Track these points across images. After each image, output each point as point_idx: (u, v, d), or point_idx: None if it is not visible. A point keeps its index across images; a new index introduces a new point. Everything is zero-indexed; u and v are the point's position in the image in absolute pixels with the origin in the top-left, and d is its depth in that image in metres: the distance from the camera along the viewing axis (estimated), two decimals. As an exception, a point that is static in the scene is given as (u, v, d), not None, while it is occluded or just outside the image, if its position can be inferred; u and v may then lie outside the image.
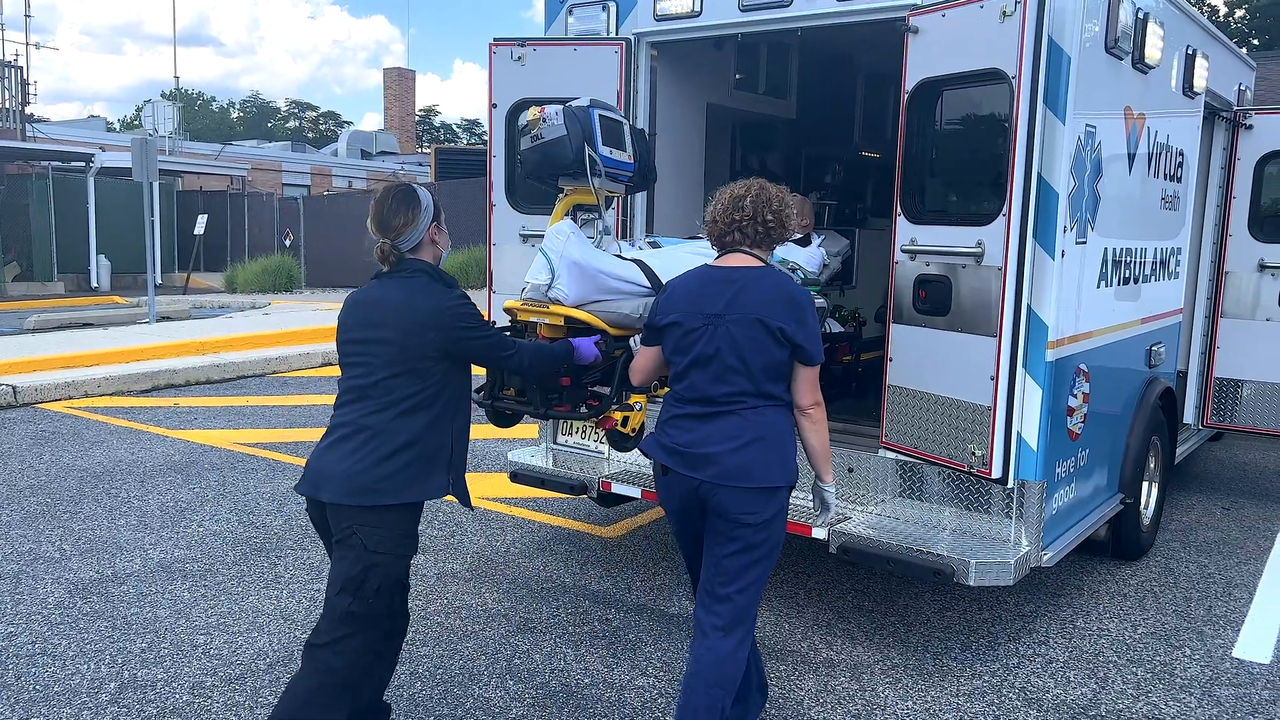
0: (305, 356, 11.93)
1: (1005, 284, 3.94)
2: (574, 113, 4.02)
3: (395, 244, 3.11)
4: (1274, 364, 6.70)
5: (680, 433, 3.25)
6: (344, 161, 42.06)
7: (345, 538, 3.02)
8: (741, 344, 3.16)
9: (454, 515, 6.33)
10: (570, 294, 3.85)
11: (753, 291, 3.20)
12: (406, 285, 3.10)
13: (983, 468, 4.08)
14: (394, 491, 3.03)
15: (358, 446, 3.03)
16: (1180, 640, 4.67)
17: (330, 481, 3.03)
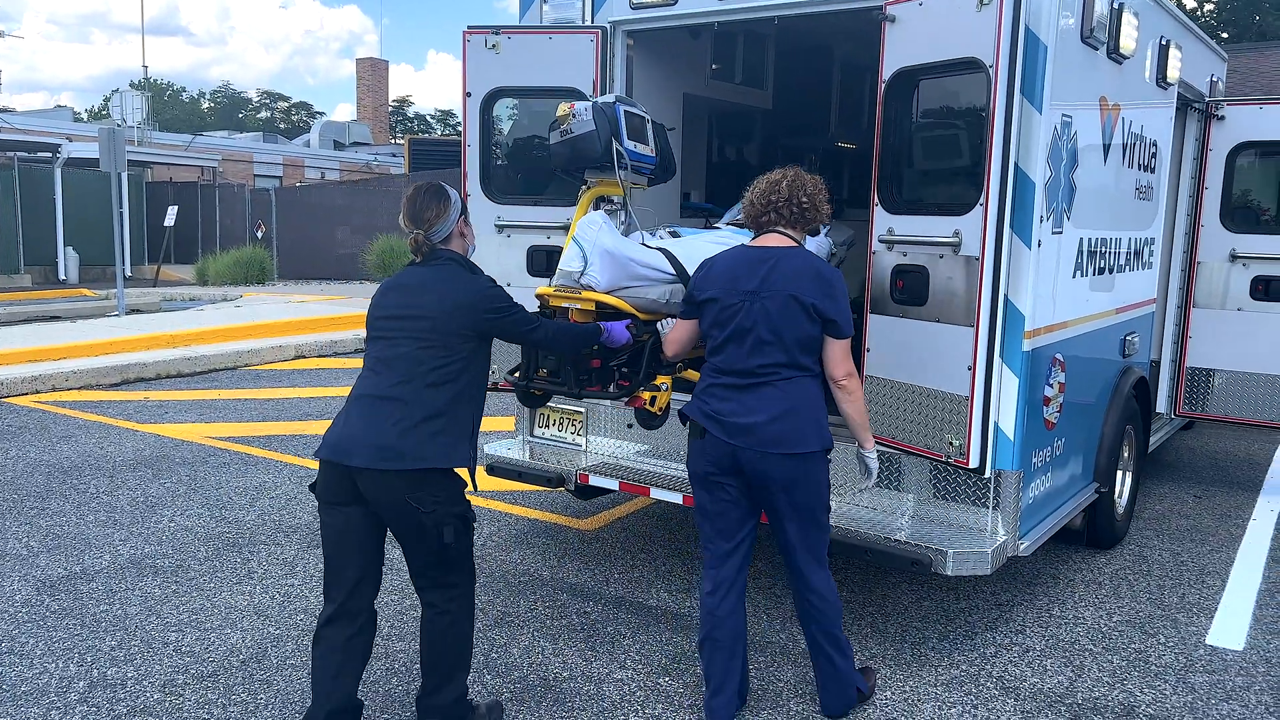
0: (278, 349, 11.80)
1: (983, 274, 3.93)
2: (602, 109, 4.26)
3: (428, 235, 3.37)
4: (1245, 354, 6.76)
5: (718, 401, 3.52)
6: (316, 152, 41.67)
7: (395, 508, 3.20)
8: (775, 319, 3.42)
9: (430, 509, 6.27)
10: (602, 280, 4.08)
11: (785, 269, 3.46)
12: (439, 272, 3.36)
13: (960, 458, 4.08)
14: (424, 457, 3.19)
15: (387, 415, 3.20)
16: (1155, 628, 4.71)
17: (361, 448, 3.18)
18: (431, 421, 3.22)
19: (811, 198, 3.58)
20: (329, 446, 3.27)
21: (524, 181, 5.44)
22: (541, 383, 4.25)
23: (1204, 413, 6.98)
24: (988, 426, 4.01)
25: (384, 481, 3.18)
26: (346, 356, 12.34)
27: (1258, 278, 6.69)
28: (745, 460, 3.45)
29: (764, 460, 3.43)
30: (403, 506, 3.20)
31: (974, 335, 3.98)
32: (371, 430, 3.19)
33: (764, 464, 3.43)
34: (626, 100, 4.42)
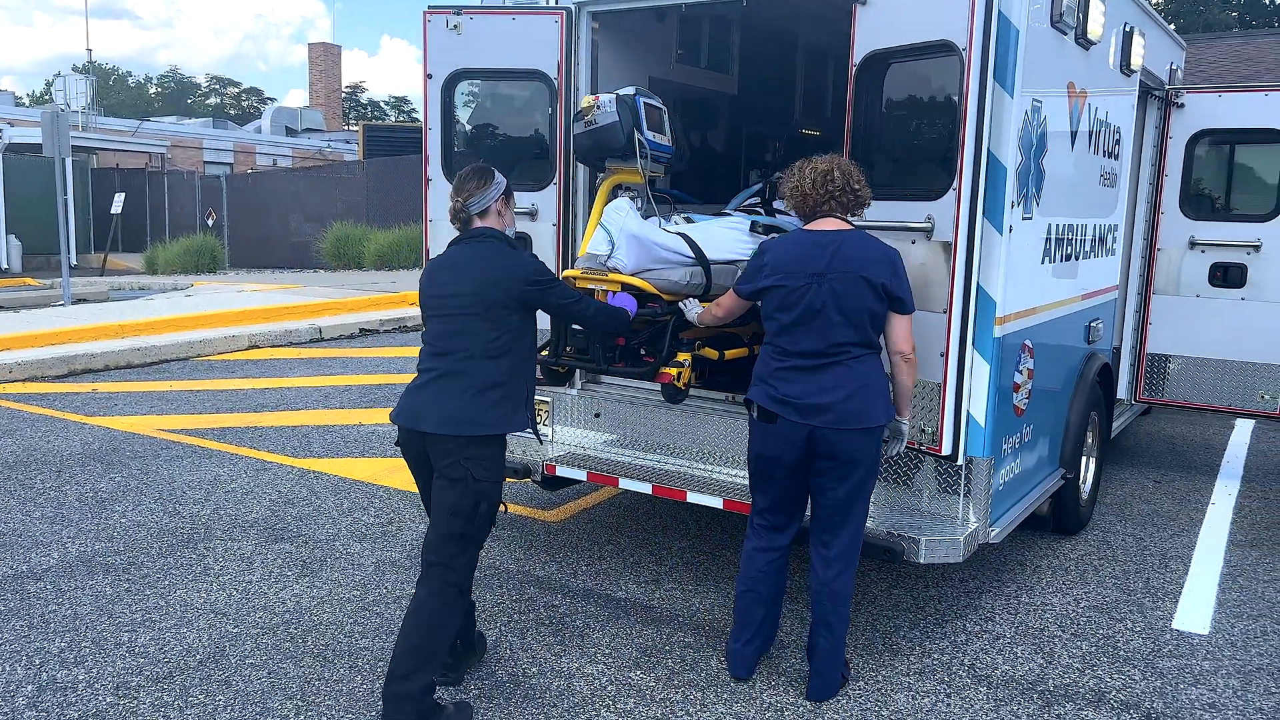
0: (230, 339, 11.54)
1: (955, 259, 3.90)
2: (624, 100, 4.49)
3: (465, 204, 3.61)
4: (1203, 339, 6.83)
5: (788, 384, 3.68)
6: (268, 139, 40.95)
7: (451, 471, 3.45)
8: (845, 299, 3.61)
9: (390, 502, 6.15)
10: (628, 263, 4.35)
11: (851, 250, 3.66)
12: (480, 249, 3.58)
13: (932, 444, 4.05)
14: (489, 424, 3.48)
15: (452, 385, 3.49)
16: (1121, 613, 4.73)
17: (431, 415, 3.48)
18: (492, 390, 3.50)
19: (861, 183, 3.79)
20: (404, 413, 3.56)
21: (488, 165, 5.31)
22: (570, 360, 4.63)
23: (1163, 398, 7.05)
24: (960, 413, 3.98)
25: (451, 446, 3.45)
26: (302, 346, 12.10)
27: (1216, 264, 6.76)
28: (820, 439, 3.62)
29: (840, 437, 3.61)
30: (462, 474, 3.45)
31: (946, 321, 3.94)
32: (440, 400, 3.48)
33: (840, 441, 3.61)
34: (645, 92, 4.60)
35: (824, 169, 3.77)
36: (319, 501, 6.12)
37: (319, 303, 14.23)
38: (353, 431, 7.87)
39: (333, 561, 5.15)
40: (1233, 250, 6.70)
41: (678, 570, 5.10)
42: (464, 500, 3.48)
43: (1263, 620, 4.69)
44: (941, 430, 3.99)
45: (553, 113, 5.06)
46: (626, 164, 4.60)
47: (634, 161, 4.53)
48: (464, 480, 3.46)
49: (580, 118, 4.58)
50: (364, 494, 6.28)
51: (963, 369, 3.95)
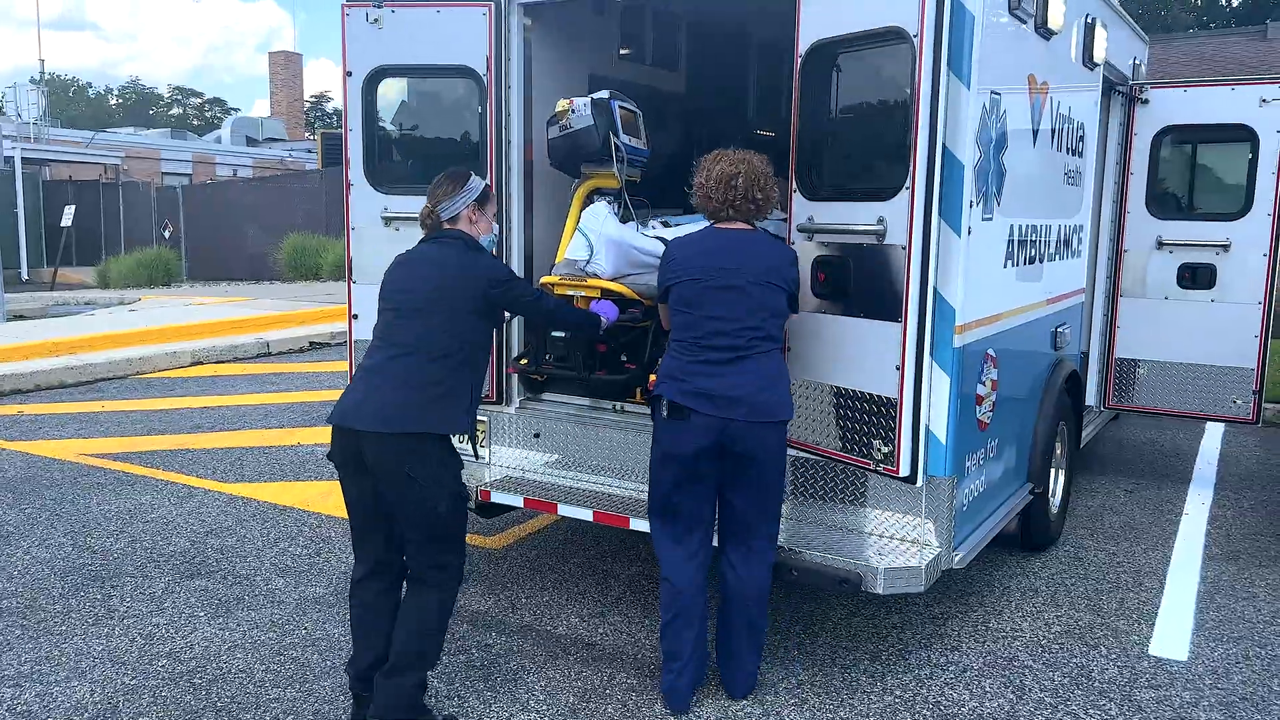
0: (172, 356, 11.08)
1: (910, 264, 3.59)
2: (599, 104, 4.43)
3: (434, 208, 3.57)
4: (1173, 343, 6.59)
5: (703, 379, 3.59)
6: (228, 149, 40.26)
7: (397, 476, 3.32)
8: (755, 298, 3.58)
9: (321, 530, 5.76)
10: (607, 268, 4.36)
11: (761, 251, 3.66)
12: (443, 249, 3.55)
13: (889, 465, 3.73)
14: (421, 420, 3.34)
15: (390, 383, 3.39)
16: (1095, 638, 4.44)
17: (365, 413, 3.35)
18: (431, 388, 3.37)
19: (765, 191, 3.72)
20: (338, 413, 3.43)
21: (414, 169, 4.96)
22: (550, 369, 4.57)
23: (1133, 405, 6.80)
24: (918, 430, 3.67)
25: (385, 445, 3.31)
26: (248, 362, 11.65)
27: (1184, 265, 6.52)
28: (734, 433, 3.55)
29: (752, 430, 3.55)
30: (400, 475, 3.31)
31: (901, 331, 3.63)
32: (375, 397, 3.37)
33: (752, 434, 3.55)
34: (620, 96, 4.57)
35: (728, 173, 3.70)
36: (244, 531, 5.72)
37: (268, 316, 13.77)
38: (289, 453, 7.46)
39: (251, 599, 4.76)
40: (1201, 250, 6.47)
41: (624, 601, 4.75)
42: (422, 504, 3.37)
43: (1243, 643, 4.41)
44: (898, 449, 3.67)
45: (483, 112, 4.72)
46: (602, 168, 4.54)
47: (610, 165, 4.48)
48: (414, 482, 3.34)
49: (555, 121, 4.50)
50: (293, 522, 5.89)
51: (920, 382, 3.63)
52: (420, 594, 3.49)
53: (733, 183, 3.66)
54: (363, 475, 3.42)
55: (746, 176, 3.67)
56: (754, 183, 3.67)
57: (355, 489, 3.49)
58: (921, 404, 3.65)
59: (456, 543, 3.52)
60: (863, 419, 3.81)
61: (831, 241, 3.87)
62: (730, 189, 3.66)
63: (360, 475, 3.43)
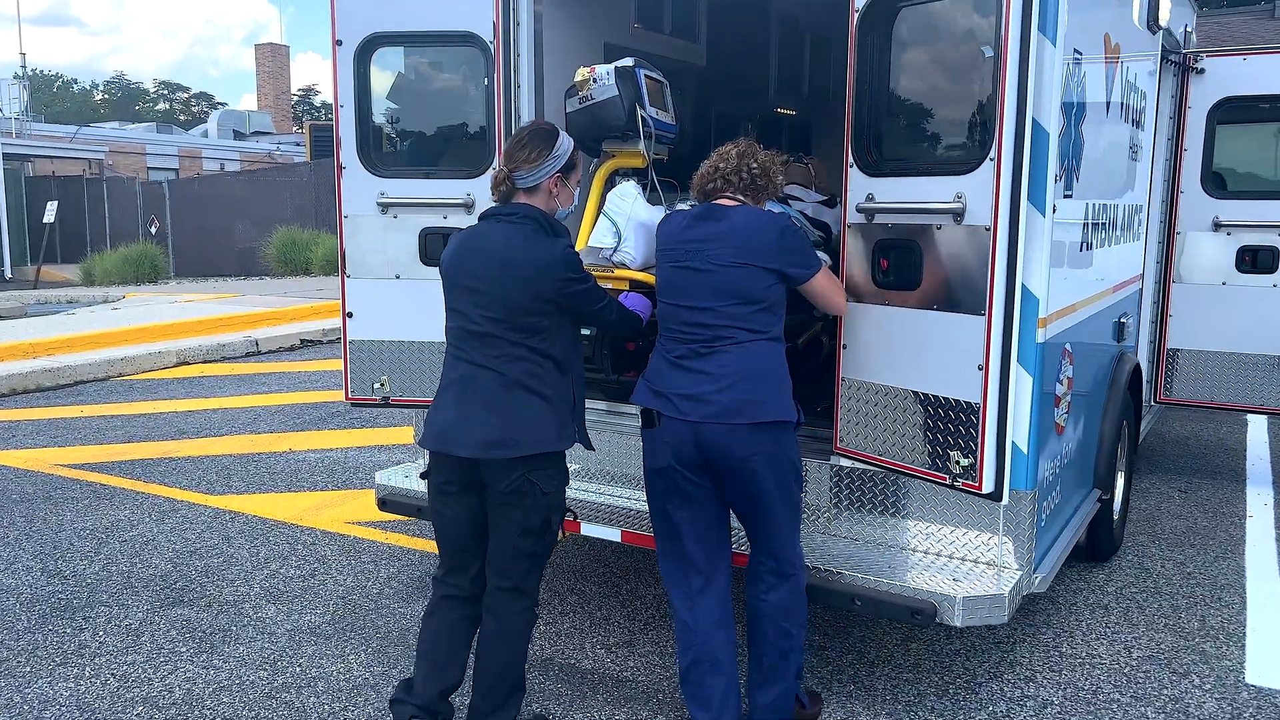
0: (156, 356, 10.55)
1: (995, 247, 3.10)
2: (624, 72, 3.99)
3: (511, 174, 3.10)
4: (1231, 332, 6.12)
5: (671, 377, 3.18)
6: (215, 143, 39.65)
7: (514, 487, 3.02)
8: (726, 279, 3.12)
9: (315, 549, 5.26)
10: (637, 256, 3.85)
11: (738, 224, 3.17)
12: (512, 233, 3.06)
13: (969, 480, 3.25)
14: (537, 441, 3.02)
15: (480, 400, 3.03)
16: (1183, 664, 3.97)
17: (467, 437, 3.02)
18: (531, 401, 3.04)
19: (763, 166, 3.32)
20: (434, 437, 3.11)
21: (412, 150, 4.46)
22: None
23: (1188, 399, 6.32)
24: (1004, 440, 3.18)
25: (502, 467, 3.02)
26: (236, 361, 11.13)
27: (1244, 248, 6.04)
28: (707, 439, 3.09)
29: (732, 435, 3.08)
30: (521, 483, 3.03)
31: (985, 326, 3.14)
32: (473, 419, 3.03)
33: (732, 439, 3.08)
34: (645, 64, 4.13)
35: (725, 149, 3.36)
36: (231, 550, 5.22)
37: (257, 313, 13.24)
38: (280, 461, 6.96)
39: (238, 631, 4.27)
40: (1263, 232, 5.98)
41: (654, 626, 4.27)
42: (532, 518, 3.08)
43: (1350, 668, 3.95)
44: (981, 462, 3.19)
45: (489, 84, 4.22)
46: (627, 145, 4.08)
47: (636, 142, 4.03)
48: (531, 495, 3.05)
49: (573, 93, 4.05)
50: (285, 539, 5.39)
51: (1006, 385, 3.15)
52: (503, 621, 3.16)
53: (726, 155, 3.32)
54: (469, 495, 3.12)
55: (743, 151, 3.32)
56: (749, 155, 3.30)
57: (458, 508, 3.16)
58: (1008, 409, 3.16)
59: (544, 562, 3.21)
60: (936, 427, 3.33)
61: (897, 223, 3.38)
62: (723, 159, 3.31)
63: (466, 495, 3.13)
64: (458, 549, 3.19)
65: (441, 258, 3.16)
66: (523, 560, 3.13)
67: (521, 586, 3.16)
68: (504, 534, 3.12)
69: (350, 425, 7.87)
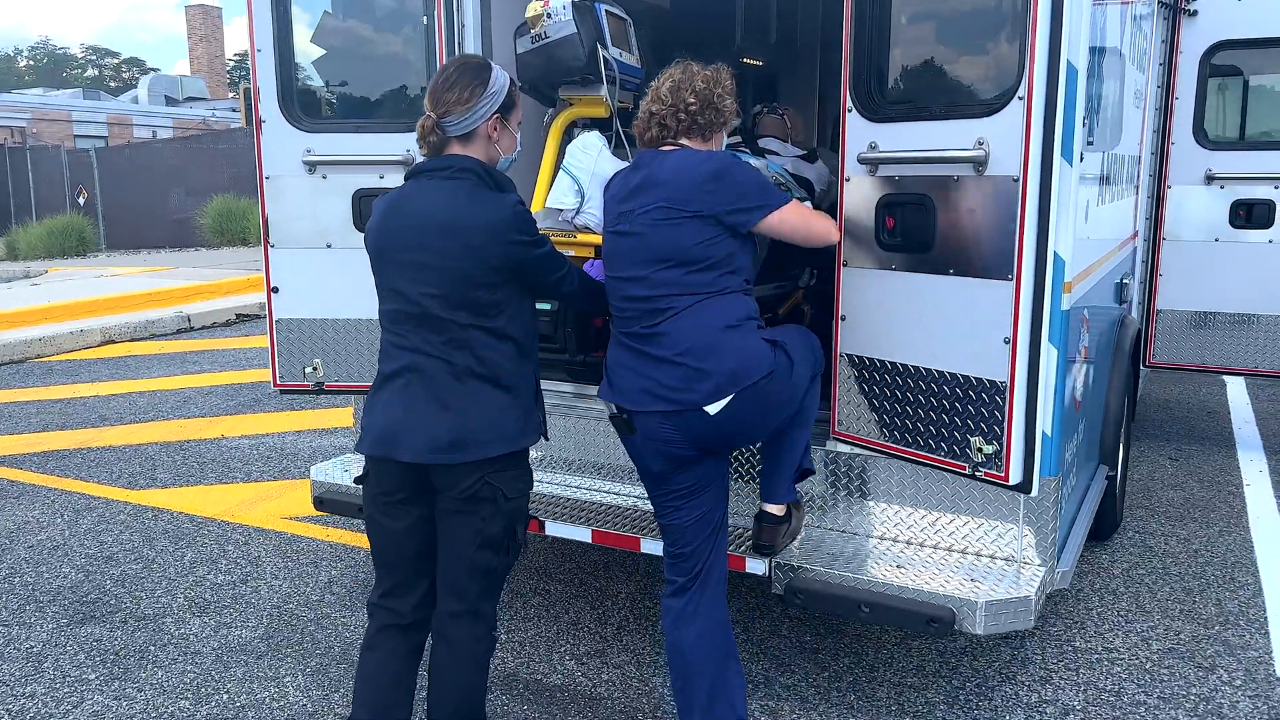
0: (79, 335, 9.84)
1: (1025, 201, 2.67)
2: (583, 8, 3.54)
3: (440, 122, 2.59)
4: (1224, 291, 5.81)
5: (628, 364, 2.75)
6: (146, 109, 38.10)
7: (473, 495, 2.57)
8: (654, 240, 2.69)
9: (248, 549, 4.75)
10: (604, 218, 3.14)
11: (666, 168, 2.72)
12: (450, 191, 2.56)
13: (994, 470, 2.84)
14: (500, 439, 2.56)
15: (433, 394, 2.55)
16: (1207, 657, 3.64)
17: (415, 439, 2.54)
18: (490, 391, 2.57)
19: (701, 96, 2.77)
20: (372, 440, 2.61)
21: (343, 100, 3.93)
22: None
23: (1178, 362, 6.01)
24: (1034, 424, 2.78)
25: (459, 471, 2.55)
26: (166, 339, 10.44)
27: (1238, 201, 5.71)
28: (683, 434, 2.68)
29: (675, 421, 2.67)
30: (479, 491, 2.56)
31: (1013, 293, 2.72)
32: (422, 417, 2.54)
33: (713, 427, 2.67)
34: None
35: (657, 84, 2.83)
36: (152, 554, 4.69)
37: (190, 286, 12.51)
38: (211, 449, 6.40)
39: (158, 652, 3.76)
40: (1258, 184, 5.65)
41: (628, 631, 3.85)
42: (492, 526, 2.61)
43: (1385, 655, 3.65)
44: (1008, 449, 2.78)
45: (429, 23, 3.69)
46: (587, 91, 3.64)
47: (597, 88, 3.59)
48: (492, 501, 2.59)
49: (524, 31, 3.60)
50: (214, 539, 4.87)
51: (1037, 361, 2.74)
52: (458, 649, 2.68)
53: (657, 92, 2.82)
54: (415, 505, 2.65)
55: (676, 82, 2.80)
56: (684, 86, 2.77)
57: (402, 521, 2.67)
58: (1039, 389, 2.75)
59: (503, 579, 2.75)
60: (953, 409, 2.91)
61: (905, 175, 2.94)
62: (655, 99, 2.82)
63: (412, 505, 2.65)
64: (400, 568, 2.71)
65: (366, 228, 2.64)
66: (480, 578, 2.66)
67: (478, 609, 2.68)
68: (458, 547, 2.64)
69: (288, 407, 7.31)
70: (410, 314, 2.57)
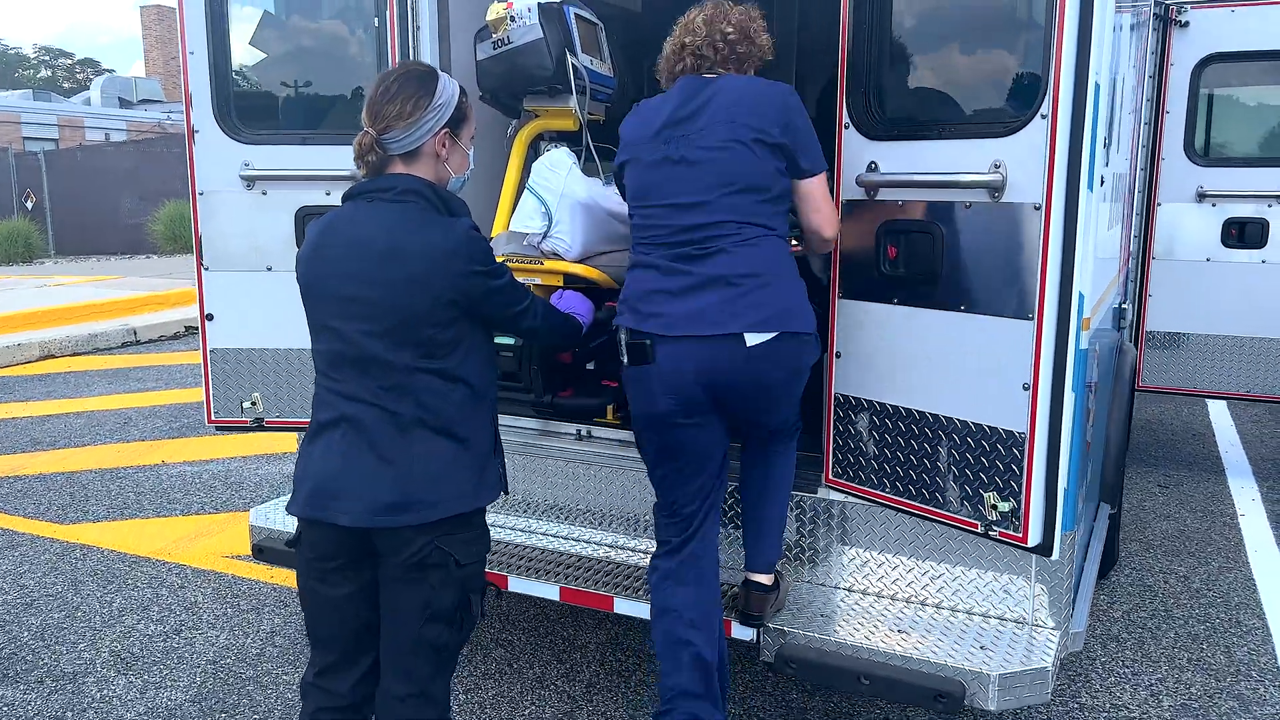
0: (15, 349, 9.34)
1: (1049, 231, 2.39)
2: (550, 11, 3.22)
3: (380, 139, 2.28)
4: (1216, 312, 5.61)
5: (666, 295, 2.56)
6: (99, 111, 37.19)
7: (421, 561, 2.25)
8: (721, 164, 2.53)
9: (184, 593, 4.36)
10: (574, 245, 3.11)
11: (727, 91, 2.59)
12: (393, 216, 2.24)
13: (1010, 529, 2.56)
14: (453, 498, 2.26)
15: (374, 447, 2.23)
16: (1222, 713, 3.39)
17: (355, 500, 2.22)
18: (442, 443, 2.25)
19: (739, 27, 2.66)
20: (305, 499, 2.28)
21: (285, 109, 3.58)
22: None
23: (1168, 385, 5.81)
24: (1055, 479, 2.49)
25: (407, 534, 2.23)
26: (110, 353, 9.97)
27: (1230, 220, 5.52)
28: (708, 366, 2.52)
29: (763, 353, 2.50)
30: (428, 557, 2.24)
31: (1034, 333, 2.44)
32: (362, 474, 2.22)
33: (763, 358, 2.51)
34: (574, 0, 3.35)
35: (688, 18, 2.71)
36: (78, 600, 4.29)
37: (138, 297, 12.00)
38: (150, 476, 5.99)
39: (75, 718, 3.38)
40: (1251, 202, 5.47)
41: (599, 690, 3.52)
42: (443, 597, 2.28)
43: None
44: (1027, 507, 2.50)
45: (380, 25, 3.36)
46: (555, 102, 3.32)
47: (566, 98, 3.27)
48: (443, 568, 2.27)
49: (486, 36, 3.29)
50: (147, 581, 4.48)
51: (1060, 409, 2.45)
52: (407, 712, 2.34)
53: (691, 25, 2.69)
54: (355, 572, 2.32)
55: (709, 15, 2.68)
56: (720, 18, 2.67)
57: (340, 591, 2.33)
58: (1060, 440, 2.47)
59: (455, 656, 2.41)
60: (963, 460, 2.62)
61: (910, 200, 2.65)
62: (688, 30, 2.69)
63: (351, 573, 2.32)
64: (338, 643, 2.36)
65: (297, 257, 2.31)
66: (430, 655, 2.32)
67: (428, 691, 2.34)
68: (405, 620, 2.31)
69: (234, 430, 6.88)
70: (347, 355, 2.24)
